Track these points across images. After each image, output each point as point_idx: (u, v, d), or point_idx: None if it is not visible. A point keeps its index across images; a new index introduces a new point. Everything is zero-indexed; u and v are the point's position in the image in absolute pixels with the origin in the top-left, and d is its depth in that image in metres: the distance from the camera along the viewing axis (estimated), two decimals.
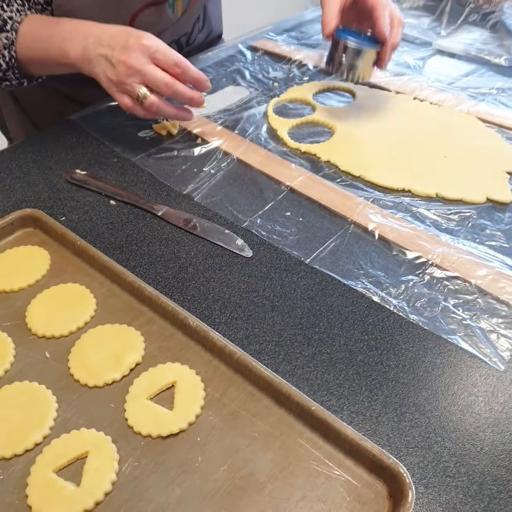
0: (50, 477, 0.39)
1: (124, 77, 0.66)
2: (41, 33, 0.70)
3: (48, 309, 0.51)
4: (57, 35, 0.69)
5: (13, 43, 0.70)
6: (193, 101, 0.70)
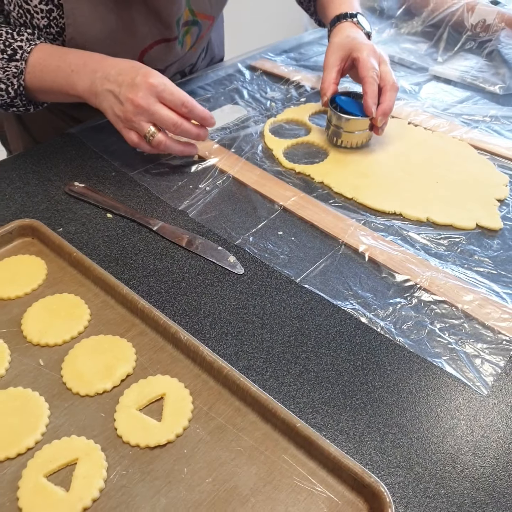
0: (41, 482, 0.40)
1: (132, 115, 0.67)
2: (50, 64, 0.71)
3: (43, 317, 0.52)
4: (65, 67, 0.70)
5: (22, 72, 0.71)
6: (200, 137, 0.72)
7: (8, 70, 0.70)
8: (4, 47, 0.70)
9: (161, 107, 0.67)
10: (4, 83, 0.71)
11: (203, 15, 0.86)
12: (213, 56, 1.06)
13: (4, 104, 0.74)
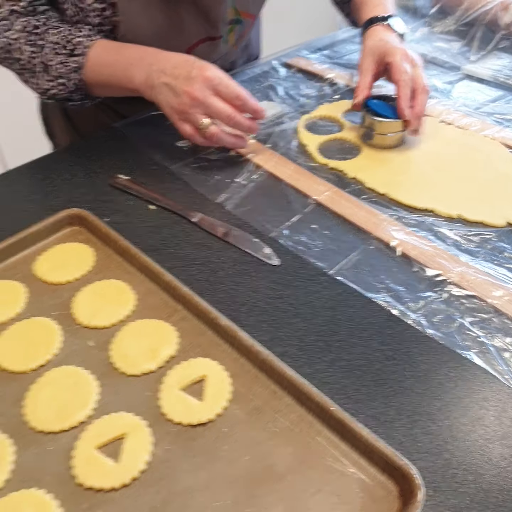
0: (93, 453, 0.44)
1: (188, 108, 0.70)
2: (108, 59, 0.74)
3: (92, 301, 0.56)
4: (123, 61, 0.73)
5: (82, 67, 0.73)
6: (251, 129, 0.75)
7: (69, 65, 0.73)
8: (64, 43, 0.73)
9: (217, 100, 0.70)
10: (64, 77, 0.74)
11: (246, 14, 0.88)
12: (251, 54, 1.08)
13: (62, 98, 0.78)
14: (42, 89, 0.77)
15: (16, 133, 1.91)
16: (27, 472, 0.44)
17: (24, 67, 0.76)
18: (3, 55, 0.76)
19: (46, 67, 0.74)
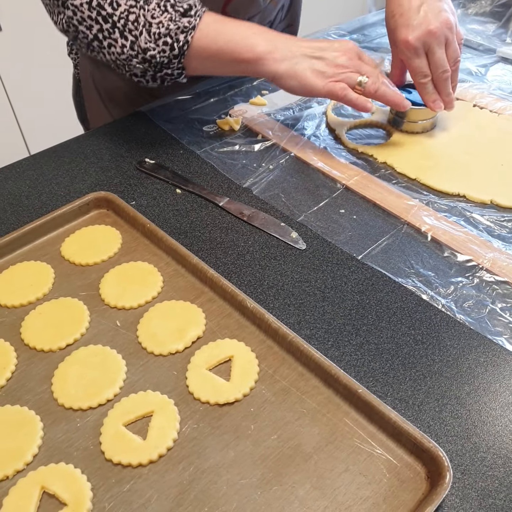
0: (121, 429, 0.44)
1: (342, 67, 0.71)
2: (226, 25, 0.70)
3: (120, 283, 0.56)
4: (245, 29, 0.71)
5: (194, 28, 0.68)
6: (396, 101, 0.74)
7: (180, 24, 0.68)
8: (175, 2, 0.68)
9: (365, 63, 0.73)
10: (171, 37, 0.68)
11: None
12: (291, 23, 1.04)
13: (159, 63, 0.70)
14: (135, 52, 0.68)
15: (39, 119, 1.94)
16: (56, 448, 0.44)
17: (114, 26, 0.67)
18: (86, 12, 0.66)
19: (149, 25, 0.67)
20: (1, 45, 1.80)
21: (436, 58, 0.75)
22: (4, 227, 0.66)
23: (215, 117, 0.85)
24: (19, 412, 0.46)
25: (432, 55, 0.75)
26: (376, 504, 0.40)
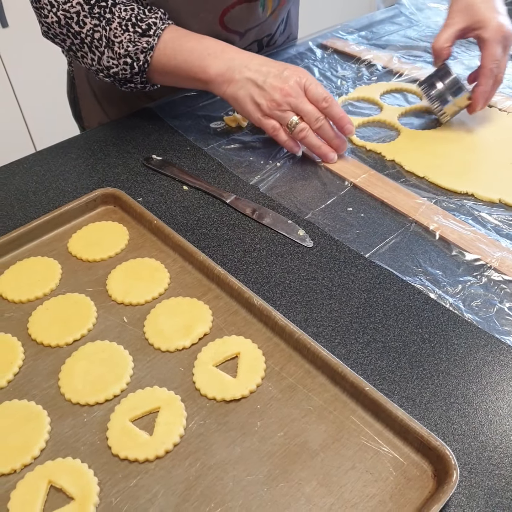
0: (127, 425, 0.44)
1: (278, 104, 0.69)
2: (184, 44, 0.72)
3: (127, 279, 0.56)
4: (201, 50, 0.71)
5: (153, 48, 0.71)
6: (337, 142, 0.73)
7: (139, 44, 0.71)
8: (136, 21, 0.70)
9: (307, 101, 0.70)
10: (131, 57, 0.72)
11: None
12: (290, 33, 1.06)
13: (123, 79, 0.75)
14: (102, 66, 0.74)
15: (45, 115, 1.94)
16: (63, 442, 0.44)
17: (83, 42, 0.72)
18: (58, 29, 0.72)
19: (112, 43, 0.71)
20: (7, 41, 1.81)
21: (506, 59, 0.74)
22: (12, 223, 0.66)
23: (222, 113, 0.85)
24: (26, 407, 0.46)
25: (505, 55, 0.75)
26: (382, 501, 0.40)
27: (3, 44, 1.81)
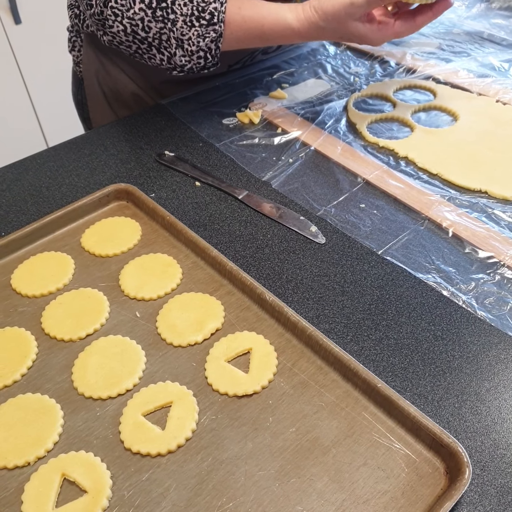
0: (140, 419, 0.44)
1: None
2: (255, 10, 0.72)
3: (139, 274, 0.57)
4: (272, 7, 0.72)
5: (221, 35, 0.71)
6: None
7: (207, 36, 0.71)
8: (199, 13, 0.70)
9: None
10: (203, 50, 0.72)
11: None
12: None
13: (198, 68, 0.76)
14: (173, 65, 0.74)
15: (57, 111, 1.95)
16: (76, 436, 0.45)
17: (151, 45, 0.72)
18: (124, 37, 0.73)
19: (181, 42, 0.71)
20: (20, 37, 1.82)
21: None
22: (25, 218, 0.66)
23: (234, 110, 0.85)
24: (40, 400, 0.47)
25: None
26: (394, 498, 0.40)
27: (16, 41, 1.82)
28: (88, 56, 0.92)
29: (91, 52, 0.91)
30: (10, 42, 1.81)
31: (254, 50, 0.92)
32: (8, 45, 1.81)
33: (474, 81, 0.89)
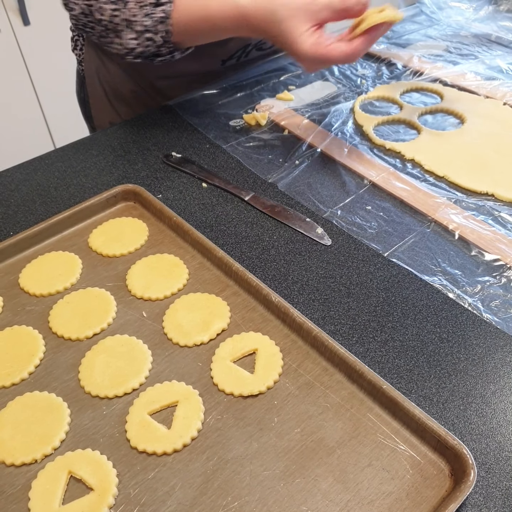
0: (146, 418, 0.45)
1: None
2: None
3: (146, 274, 0.57)
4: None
5: (169, 16, 0.69)
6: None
7: (155, 16, 0.70)
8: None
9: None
10: (150, 31, 0.71)
11: None
12: None
13: (150, 55, 0.75)
14: (127, 49, 0.74)
15: (65, 112, 1.96)
16: (82, 434, 0.45)
17: (107, 28, 0.72)
18: (84, 19, 0.73)
19: (130, 23, 0.70)
20: (29, 38, 1.83)
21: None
22: (33, 218, 0.67)
23: (241, 111, 0.85)
24: (47, 399, 0.47)
25: None
26: (399, 499, 0.40)
27: (25, 42, 1.83)
28: (89, 55, 0.94)
29: (91, 51, 0.92)
30: (18, 43, 1.82)
31: (246, 44, 0.91)
32: (17, 46, 1.83)
33: (481, 84, 0.89)
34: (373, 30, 0.67)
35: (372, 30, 0.66)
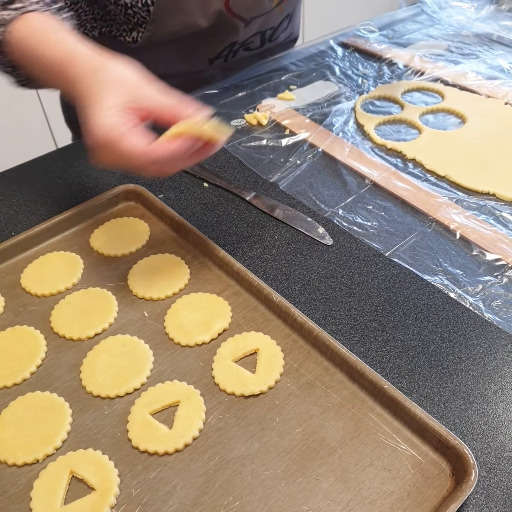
0: (147, 418, 0.45)
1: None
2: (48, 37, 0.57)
3: (148, 274, 0.57)
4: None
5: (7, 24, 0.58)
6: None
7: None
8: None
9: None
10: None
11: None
12: (292, 31, 1.04)
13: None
14: None
15: None
16: (84, 434, 0.45)
17: None
18: None
19: None
20: None
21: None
22: (35, 218, 0.67)
23: (243, 111, 0.85)
24: (48, 399, 0.47)
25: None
26: (400, 499, 0.40)
27: None
28: None
29: None
30: None
31: (233, 42, 0.90)
32: None
33: (482, 83, 0.89)
34: (188, 141, 0.50)
35: (187, 141, 0.49)
